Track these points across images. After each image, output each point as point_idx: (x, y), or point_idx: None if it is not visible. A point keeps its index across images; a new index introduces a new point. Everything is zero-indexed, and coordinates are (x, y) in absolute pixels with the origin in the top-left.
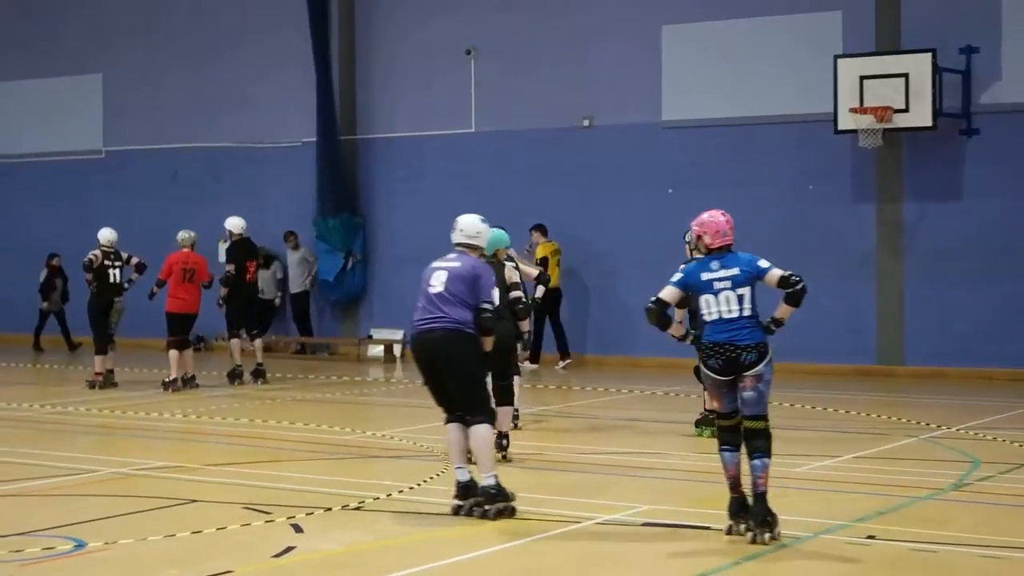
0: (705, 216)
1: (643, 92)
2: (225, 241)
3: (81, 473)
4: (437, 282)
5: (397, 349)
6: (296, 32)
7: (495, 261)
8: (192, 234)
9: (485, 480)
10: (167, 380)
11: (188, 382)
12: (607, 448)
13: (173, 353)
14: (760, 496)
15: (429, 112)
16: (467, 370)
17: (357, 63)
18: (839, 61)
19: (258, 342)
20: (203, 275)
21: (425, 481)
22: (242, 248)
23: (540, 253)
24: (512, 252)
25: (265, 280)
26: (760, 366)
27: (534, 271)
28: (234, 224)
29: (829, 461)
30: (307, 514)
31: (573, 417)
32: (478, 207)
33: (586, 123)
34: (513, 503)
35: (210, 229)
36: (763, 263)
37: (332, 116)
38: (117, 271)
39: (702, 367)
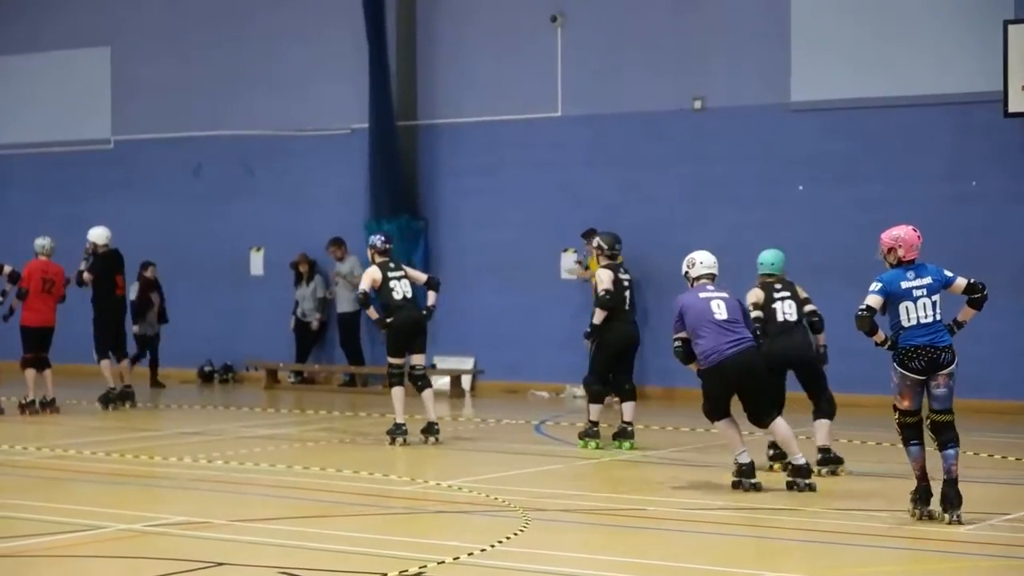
0: (901, 232)
1: (766, 67)
2: (87, 258)
3: (86, 530)
4: (719, 309)
5: (466, 381)
6: None
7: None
8: (50, 241)
9: (797, 460)
10: (23, 402)
11: (48, 405)
12: (720, 502)
13: (30, 372)
14: (953, 481)
15: (505, 93)
16: (768, 378)
17: (418, 34)
18: (1010, 28)
19: (125, 363)
20: (60, 288)
21: (500, 542)
22: (107, 261)
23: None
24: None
25: (304, 298)
26: (953, 365)
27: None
28: (98, 235)
29: (996, 520)
30: None
31: (677, 464)
32: (564, 206)
33: (697, 105)
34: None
35: (241, 233)
36: (948, 272)
37: (388, 98)
38: None
39: (899, 369)
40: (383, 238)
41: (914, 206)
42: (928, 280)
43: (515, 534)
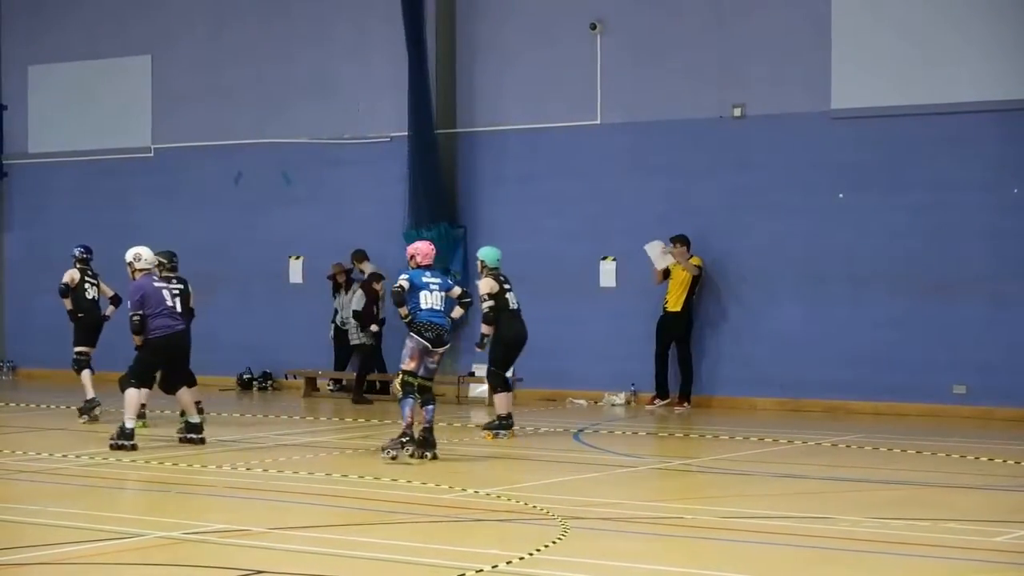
0: (420, 245)
1: (807, 74)
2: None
3: (125, 537)
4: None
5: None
6: (385, 5)
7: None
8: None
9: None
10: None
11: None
12: (759, 510)
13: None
14: (430, 429)
15: (545, 101)
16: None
17: (458, 43)
18: None
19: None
20: None
21: (539, 550)
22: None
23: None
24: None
25: (343, 307)
26: (447, 345)
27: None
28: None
29: None
30: None
31: (717, 473)
32: (603, 214)
33: (737, 112)
34: None
35: (281, 241)
36: (451, 281)
37: (427, 106)
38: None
39: (416, 337)
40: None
41: (955, 214)
42: (439, 280)
43: (554, 542)
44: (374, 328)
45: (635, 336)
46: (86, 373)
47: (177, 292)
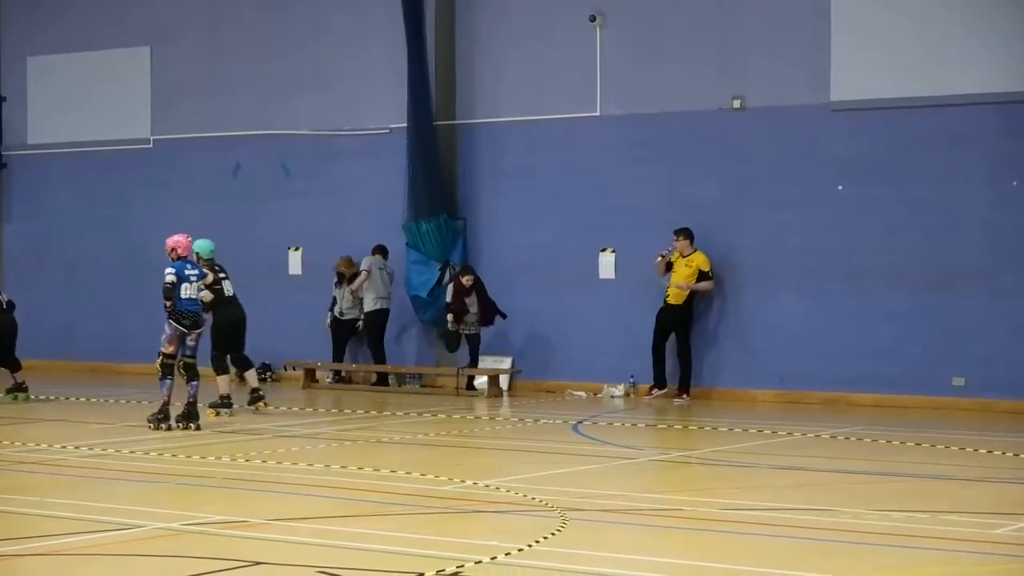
0: (179, 238)
1: (807, 66)
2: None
3: (124, 529)
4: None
5: (504, 380)
6: None
7: None
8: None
9: None
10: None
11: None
12: (759, 502)
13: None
14: (193, 404)
15: (544, 93)
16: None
17: (457, 34)
18: None
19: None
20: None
21: (538, 541)
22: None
23: (694, 264)
24: None
25: (343, 297)
26: (203, 327)
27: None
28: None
29: None
30: None
31: (717, 464)
32: (602, 207)
33: (736, 104)
34: None
35: (280, 233)
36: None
37: (426, 98)
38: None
39: (174, 324)
40: None
41: (955, 206)
42: (196, 272)
43: (553, 534)
44: (451, 322)
45: (634, 328)
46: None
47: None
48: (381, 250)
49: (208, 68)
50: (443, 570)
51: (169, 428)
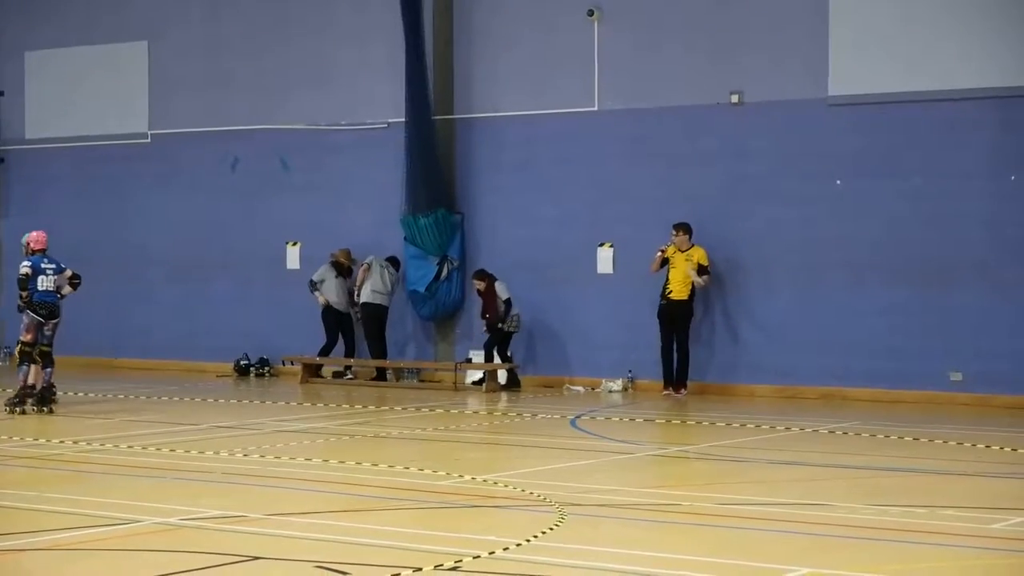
0: (34, 234)
1: (805, 61)
2: None
3: (121, 523)
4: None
5: (502, 375)
6: None
7: None
8: None
9: None
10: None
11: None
12: (756, 497)
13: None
14: (49, 387)
15: (542, 87)
16: None
17: (455, 29)
18: None
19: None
20: None
21: (536, 536)
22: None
23: (694, 258)
24: None
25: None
26: (59, 318)
27: None
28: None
29: None
30: (392, 575)
31: (714, 459)
32: (601, 201)
33: (735, 99)
34: None
35: (277, 227)
36: (63, 265)
37: (424, 92)
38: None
39: (31, 314)
40: None
41: (953, 200)
42: (53, 265)
43: (551, 529)
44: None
45: (633, 323)
46: None
47: None
48: (392, 260)
49: (206, 62)
50: (441, 565)
51: (24, 412)
